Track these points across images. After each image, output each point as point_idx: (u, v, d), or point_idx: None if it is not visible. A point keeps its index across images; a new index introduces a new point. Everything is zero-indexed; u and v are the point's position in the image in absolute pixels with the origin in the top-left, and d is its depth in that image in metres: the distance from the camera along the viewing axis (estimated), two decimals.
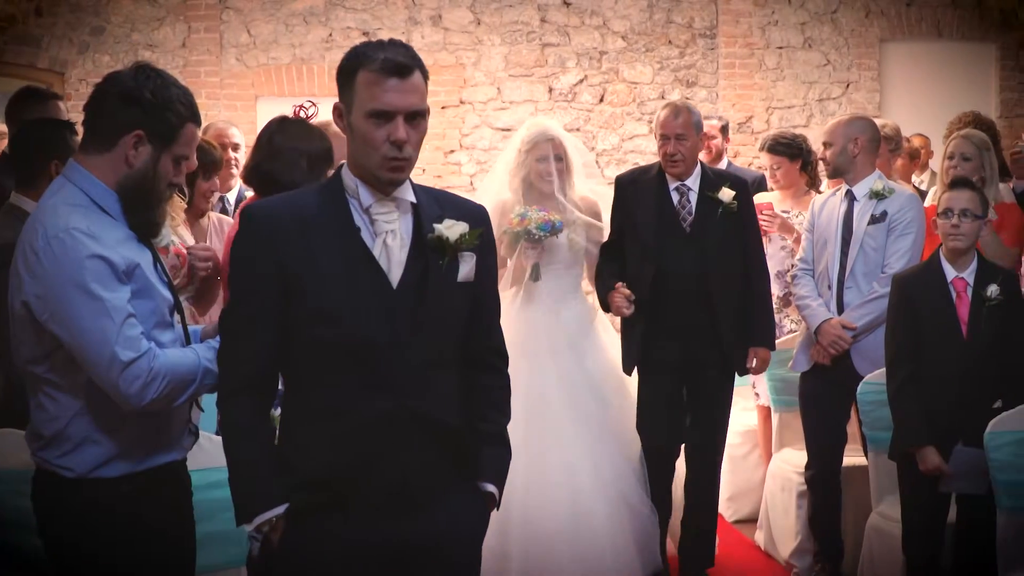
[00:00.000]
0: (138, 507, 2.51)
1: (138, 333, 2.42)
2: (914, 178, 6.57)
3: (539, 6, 8.66)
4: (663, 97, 8.69)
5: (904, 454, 3.74)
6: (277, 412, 2.57)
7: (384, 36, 8.04)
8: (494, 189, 4.72)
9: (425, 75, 2.33)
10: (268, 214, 2.36)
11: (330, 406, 2.33)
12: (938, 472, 3.62)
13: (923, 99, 8.50)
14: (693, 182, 4.45)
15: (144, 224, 2.55)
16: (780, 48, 8.85)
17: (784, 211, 5.35)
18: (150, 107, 2.49)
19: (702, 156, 6.42)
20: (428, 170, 8.45)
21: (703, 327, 4.36)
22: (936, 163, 6.67)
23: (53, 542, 2.55)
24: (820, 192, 5.28)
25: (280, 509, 2.32)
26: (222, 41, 8.27)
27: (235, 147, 5.20)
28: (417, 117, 2.30)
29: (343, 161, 2.42)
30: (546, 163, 4.51)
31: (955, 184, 3.85)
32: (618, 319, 4.58)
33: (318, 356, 2.32)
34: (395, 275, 2.34)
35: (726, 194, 4.38)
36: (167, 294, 2.57)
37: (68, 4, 8.03)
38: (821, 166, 4.97)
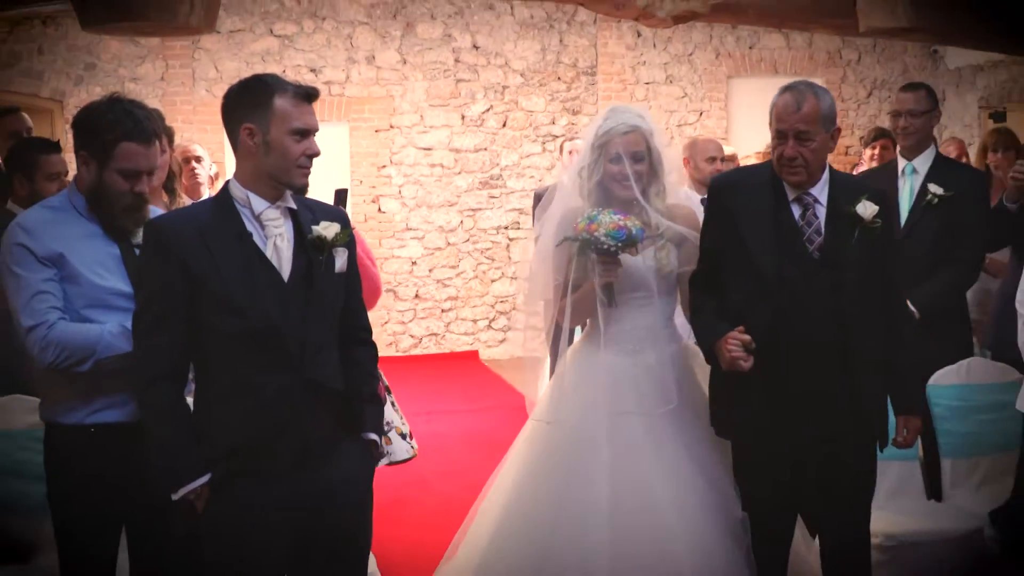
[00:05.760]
0: (87, 455, 2.60)
1: (45, 307, 2.52)
2: None
3: (454, 49, 9.11)
4: (554, 122, 9.26)
5: None
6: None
7: (328, 72, 9.48)
8: (565, 194, 3.45)
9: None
10: (170, 226, 2.45)
11: (240, 384, 2.41)
12: None
13: (764, 125, 7.52)
14: (820, 192, 3.08)
15: (111, 228, 2.67)
16: (647, 83, 9.42)
17: None
18: (86, 131, 2.64)
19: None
20: (364, 181, 8.98)
21: (836, 392, 3.02)
22: None
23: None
24: None
25: (205, 478, 2.40)
26: (194, 76, 8.60)
27: (197, 159, 5.33)
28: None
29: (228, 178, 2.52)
30: (620, 163, 3.25)
31: None
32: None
33: (226, 343, 2.41)
34: (285, 271, 2.46)
35: (867, 208, 3.04)
36: (110, 283, 2.63)
37: (65, 44, 8.38)
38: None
